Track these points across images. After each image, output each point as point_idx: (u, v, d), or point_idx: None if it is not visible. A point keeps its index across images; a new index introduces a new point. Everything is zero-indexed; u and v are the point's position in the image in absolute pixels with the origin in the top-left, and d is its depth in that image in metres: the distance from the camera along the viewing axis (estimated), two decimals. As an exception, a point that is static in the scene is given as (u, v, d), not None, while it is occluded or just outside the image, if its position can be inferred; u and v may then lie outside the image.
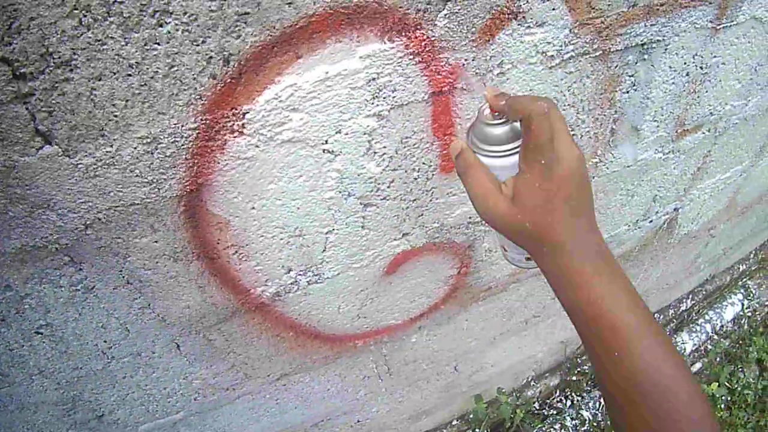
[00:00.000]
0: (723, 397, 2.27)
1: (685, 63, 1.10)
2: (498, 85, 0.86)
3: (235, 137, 0.70)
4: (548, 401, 2.03)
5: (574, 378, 2.06)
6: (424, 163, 0.90)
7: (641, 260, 1.71)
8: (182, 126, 0.65)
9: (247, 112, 0.68)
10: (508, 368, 1.77)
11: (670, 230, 1.69)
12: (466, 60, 0.79)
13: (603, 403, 2.00)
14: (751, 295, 2.54)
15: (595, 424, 2.00)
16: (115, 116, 0.59)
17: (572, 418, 1.95)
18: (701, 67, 1.15)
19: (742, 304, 2.52)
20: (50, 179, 0.63)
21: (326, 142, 0.78)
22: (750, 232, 2.33)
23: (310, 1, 0.62)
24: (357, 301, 1.07)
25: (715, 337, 2.42)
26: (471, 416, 1.75)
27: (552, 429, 1.91)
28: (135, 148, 0.63)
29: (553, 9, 0.80)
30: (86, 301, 0.83)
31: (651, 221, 1.54)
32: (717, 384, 2.26)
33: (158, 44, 0.55)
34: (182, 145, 0.67)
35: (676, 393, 0.48)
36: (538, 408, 1.98)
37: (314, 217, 0.87)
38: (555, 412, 2.00)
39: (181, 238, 0.80)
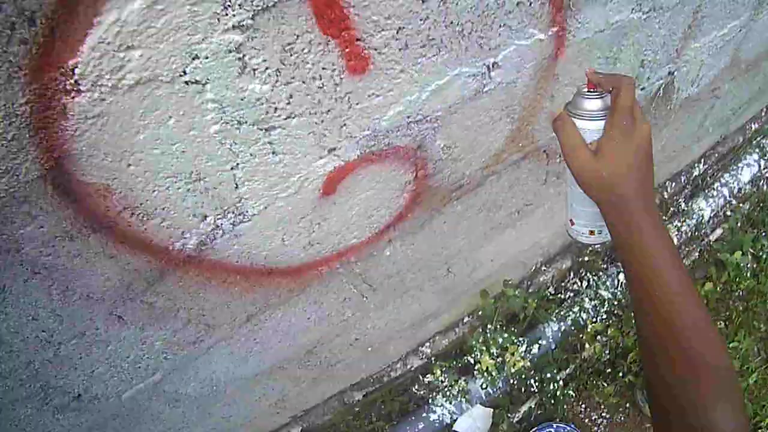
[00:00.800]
0: (748, 265, 2.21)
1: None
2: None
3: (73, 98, 0.64)
4: (563, 285, 2.01)
5: (586, 258, 2.01)
6: (324, 68, 0.80)
7: None
8: (12, 105, 0.60)
9: (76, 66, 0.61)
10: (512, 259, 1.73)
11: (667, 96, 1.55)
12: None
13: (622, 280, 1.98)
14: (767, 154, 2.36)
15: (615, 303, 1.99)
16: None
17: (591, 299, 1.93)
18: None
19: (759, 165, 2.35)
20: None
21: (184, 72, 0.69)
22: (758, 90, 2.17)
23: None
24: (301, 230, 1.03)
25: (734, 201, 2.29)
26: (480, 313, 1.76)
27: (571, 312, 1.90)
28: (-27, 143, 0.59)
29: None
30: (5, 300, 0.83)
31: (643, 88, 1.41)
32: (740, 252, 2.19)
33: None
34: (21, 124, 0.62)
35: (704, 341, 0.63)
36: (553, 293, 1.97)
37: (208, 156, 0.80)
38: (572, 295, 1.99)
39: (66, 216, 0.76)
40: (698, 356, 0.62)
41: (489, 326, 1.74)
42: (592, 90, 0.74)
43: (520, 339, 1.78)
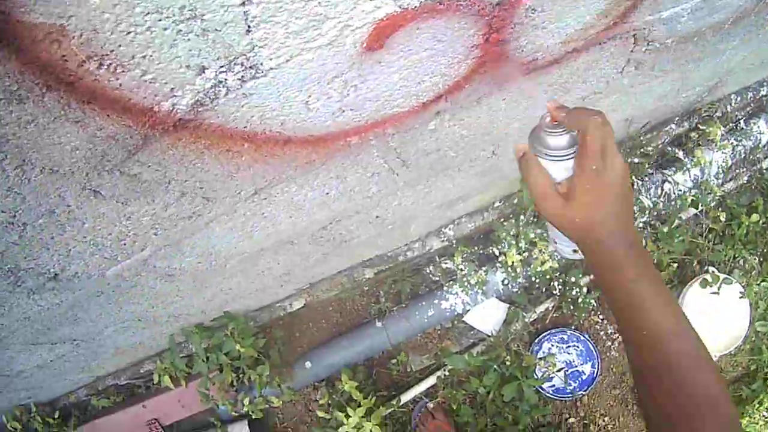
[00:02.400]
0: None
1: None
2: None
3: None
4: None
5: (636, 160, 1.76)
6: None
7: (732, 35, 1.34)
8: None
9: None
10: None
11: None
12: None
13: (666, 189, 1.79)
14: None
15: (655, 214, 1.81)
16: None
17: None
18: None
19: None
20: None
21: None
22: None
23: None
24: (332, 91, 0.79)
25: None
26: (516, 201, 1.56)
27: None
28: None
29: None
30: (-50, 178, 0.64)
31: None
32: None
33: None
34: None
35: (697, 376, 0.62)
36: None
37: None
38: None
39: (10, 71, 0.57)
40: (695, 393, 0.62)
41: (522, 217, 1.55)
42: (556, 125, 0.68)
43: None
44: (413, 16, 0.72)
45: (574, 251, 0.78)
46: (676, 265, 1.85)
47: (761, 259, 2.04)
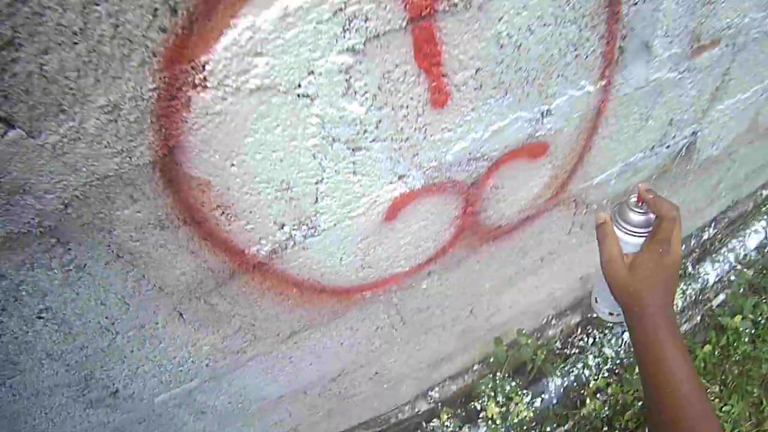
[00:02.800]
0: (747, 330, 2.33)
1: None
2: (485, 3, 0.85)
3: (198, 92, 0.72)
4: (570, 340, 2.10)
5: (594, 315, 2.10)
6: (412, 99, 0.91)
7: (659, 188, 1.73)
8: (141, 88, 0.66)
9: (207, 63, 0.69)
10: (527, 308, 1.82)
11: (689, 155, 1.69)
12: None
13: (626, 339, 2.08)
14: None
15: (618, 362, 2.08)
16: (71, 88, 0.62)
17: (595, 356, 2.02)
18: None
19: (766, 231, 2.52)
20: (20, 163, 0.66)
21: (299, 86, 0.79)
22: None
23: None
24: (359, 250, 1.12)
25: (739, 267, 2.44)
26: (492, 360, 1.83)
27: (575, 368, 1.99)
28: (97, 118, 0.66)
29: None
30: (80, 280, 0.88)
31: (668, 146, 1.54)
32: (741, 316, 2.31)
33: (97, 5, 0.57)
34: (145, 108, 0.69)
35: (707, 420, 0.74)
36: (560, 347, 2.05)
37: (300, 167, 0.90)
38: (577, 351, 2.07)
39: (164, 204, 0.83)
40: None
41: (498, 373, 1.80)
42: (640, 205, 0.84)
43: (525, 390, 1.84)
44: (417, 194, 1.08)
45: (610, 314, 0.93)
46: (640, 403, 2.01)
47: (721, 387, 2.22)
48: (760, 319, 2.36)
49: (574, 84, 1.13)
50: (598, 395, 1.99)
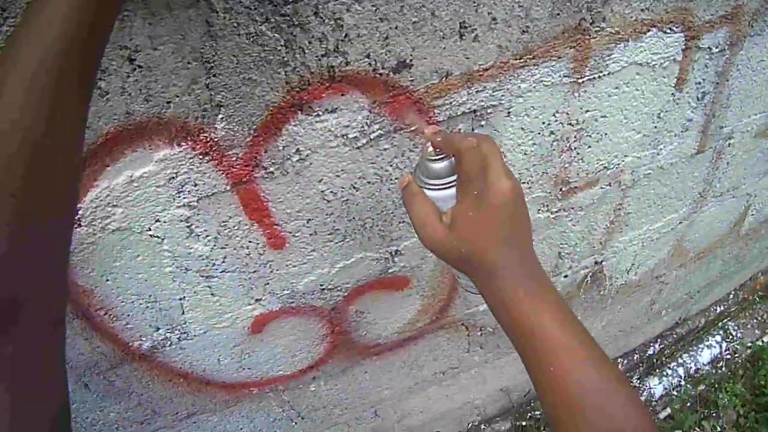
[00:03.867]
0: None
1: (543, 123, 1.20)
2: (301, 169, 1.05)
3: (77, 228, 0.99)
4: None
5: (524, 423, 2.08)
6: (250, 242, 1.14)
7: (575, 311, 1.73)
8: None
9: (80, 209, 0.96)
10: (445, 414, 1.87)
11: (598, 282, 1.71)
12: (257, 153, 1.02)
13: None
14: (731, 336, 2.37)
15: None
16: None
17: None
18: (570, 124, 1.23)
19: (721, 346, 2.40)
20: None
21: (149, 229, 1.05)
22: (719, 275, 2.24)
23: (102, 123, 0.87)
24: (234, 354, 1.33)
25: (688, 382, 2.32)
26: None
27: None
28: None
29: (342, 95, 0.94)
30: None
31: (566, 276, 1.59)
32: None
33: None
34: None
35: (610, 406, 0.55)
36: None
37: (162, 287, 1.15)
38: None
39: (66, 307, 1.13)
40: (611, 421, 0.55)
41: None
42: (437, 152, 0.68)
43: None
44: (277, 314, 1.27)
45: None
46: None
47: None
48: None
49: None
50: None
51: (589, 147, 1.29)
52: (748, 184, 1.91)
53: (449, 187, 0.67)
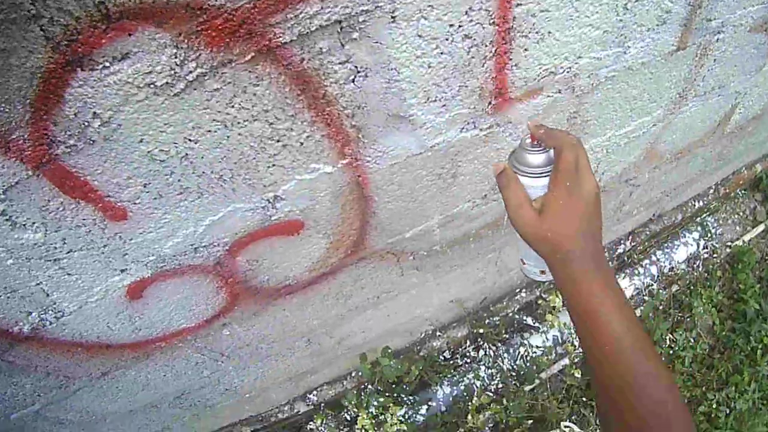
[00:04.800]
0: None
1: (450, 25, 0.98)
2: (109, 134, 0.89)
3: None
4: (459, 351, 2.12)
5: (482, 331, 2.09)
6: (84, 219, 1.04)
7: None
8: None
9: None
10: (390, 330, 1.86)
11: None
12: (46, 129, 0.88)
13: (522, 352, 2.05)
14: (710, 234, 2.24)
15: (513, 374, 2.06)
16: None
17: (488, 367, 2.03)
18: (494, 23, 1.02)
19: (698, 244, 2.26)
20: None
21: None
22: (700, 172, 2.09)
23: None
24: (122, 320, 1.30)
25: (662, 282, 2.22)
26: (360, 373, 1.94)
27: (465, 378, 2.03)
28: None
29: (130, 35, 0.76)
30: None
31: None
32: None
33: None
34: None
35: (657, 380, 0.65)
36: (448, 357, 2.09)
37: (13, 278, 1.09)
38: (468, 361, 2.09)
39: None
40: (654, 410, 0.64)
41: (370, 387, 1.92)
42: (535, 143, 0.75)
43: (409, 398, 1.94)
44: (153, 279, 1.22)
45: (542, 272, 0.83)
46: (530, 420, 2.04)
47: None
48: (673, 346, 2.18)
49: (299, 169, 1.14)
50: (480, 413, 2.02)
51: (526, 50, 1.08)
52: (738, 83, 1.71)
53: (544, 175, 0.73)
